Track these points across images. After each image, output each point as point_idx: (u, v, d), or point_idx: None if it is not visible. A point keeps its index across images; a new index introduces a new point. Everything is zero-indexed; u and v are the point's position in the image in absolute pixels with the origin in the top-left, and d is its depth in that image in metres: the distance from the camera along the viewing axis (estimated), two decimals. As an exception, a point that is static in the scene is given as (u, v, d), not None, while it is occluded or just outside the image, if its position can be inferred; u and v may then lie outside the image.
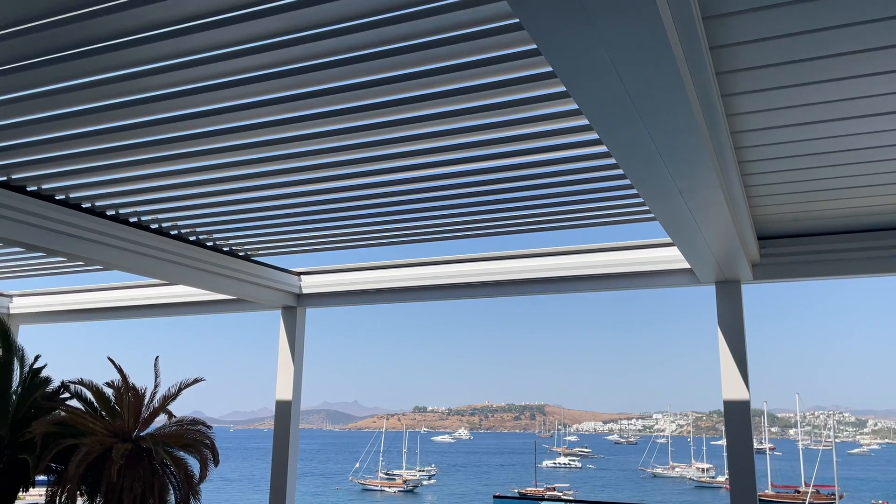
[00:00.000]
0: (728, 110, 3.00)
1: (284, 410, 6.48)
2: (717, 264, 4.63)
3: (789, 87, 2.80)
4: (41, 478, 6.12)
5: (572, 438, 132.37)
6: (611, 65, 2.09)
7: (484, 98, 3.02)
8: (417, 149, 3.58)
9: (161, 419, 5.90)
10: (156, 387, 5.84)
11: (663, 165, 2.84)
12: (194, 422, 5.80)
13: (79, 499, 5.50)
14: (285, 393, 6.52)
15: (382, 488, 63.02)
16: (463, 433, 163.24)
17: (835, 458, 49.12)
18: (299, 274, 6.51)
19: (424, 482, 67.16)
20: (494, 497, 5.95)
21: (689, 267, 5.11)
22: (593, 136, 3.28)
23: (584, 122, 3.13)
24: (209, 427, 5.81)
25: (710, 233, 3.87)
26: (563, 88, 2.85)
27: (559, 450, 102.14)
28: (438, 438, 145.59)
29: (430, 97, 3.02)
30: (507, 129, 3.31)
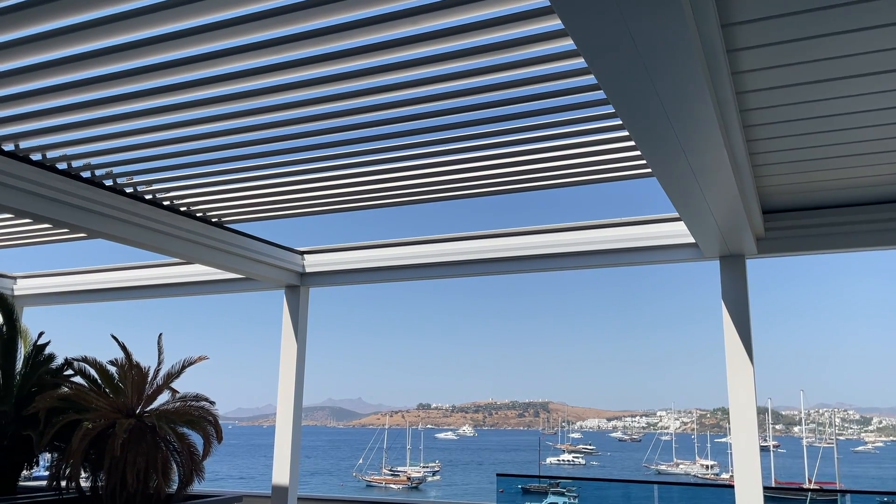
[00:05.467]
0: (733, 67, 2.98)
1: (287, 392, 6.49)
2: (722, 236, 4.61)
3: (796, 41, 2.76)
4: (42, 473, 6.11)
5: (576, 435, 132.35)
6: (614, 3, 2.07)
7: (473, 37, 2.92)
8: (401, 98, 3.47)
9: (164, 397, 5.90)
10: (159, 364, 5.83)
11: (667, 120, 2.82)
12: (197, 398, 5.79)
13: (82, 474, 5.50)
14: (288, 373, 6.53)
15: (387, 485, 63.10)
16: (467, 430, 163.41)
17: (836, 456, 49.10)
18: (302, 253, 6.52)
19: (429, 478, 67.25)
20: (497, 475, 5.95)
21: (693, 241, 5.10)
22: (591, 79, 3.20)
23: (582, 63, 3.05)
24: (212, 403, 5.81)
25: (715, 199, 3.84)
26: (560, 25, 2.78)
27: (563, 447, 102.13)
28: (442, 435, 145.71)
29: (419, 38, 2.93)
30: (500, 73, 3.21)
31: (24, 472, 6.29)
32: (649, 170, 3.92)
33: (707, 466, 71.66)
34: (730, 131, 3.33)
